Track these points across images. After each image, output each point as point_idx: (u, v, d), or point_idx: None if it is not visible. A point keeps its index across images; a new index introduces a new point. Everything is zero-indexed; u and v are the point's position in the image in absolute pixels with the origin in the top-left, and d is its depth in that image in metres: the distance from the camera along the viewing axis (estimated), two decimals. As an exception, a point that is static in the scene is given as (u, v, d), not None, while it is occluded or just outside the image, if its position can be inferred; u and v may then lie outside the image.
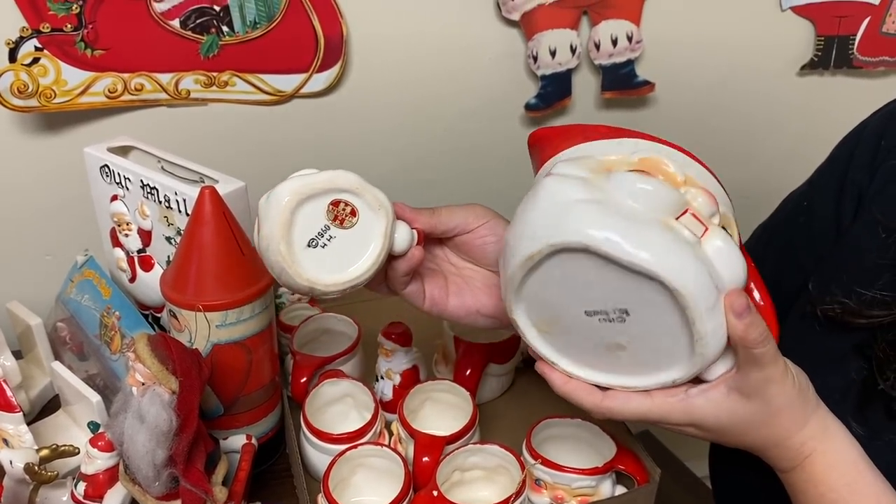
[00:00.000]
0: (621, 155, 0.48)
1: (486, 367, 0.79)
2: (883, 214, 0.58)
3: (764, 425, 0.50)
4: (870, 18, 1.15)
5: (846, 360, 0.56)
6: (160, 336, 0.58)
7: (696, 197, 0.46)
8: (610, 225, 0.44)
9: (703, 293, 0.44)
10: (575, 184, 0.46)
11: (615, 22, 1.04)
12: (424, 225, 0.58)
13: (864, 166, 0.61)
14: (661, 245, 0.43)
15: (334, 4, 0.96)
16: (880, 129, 0.62)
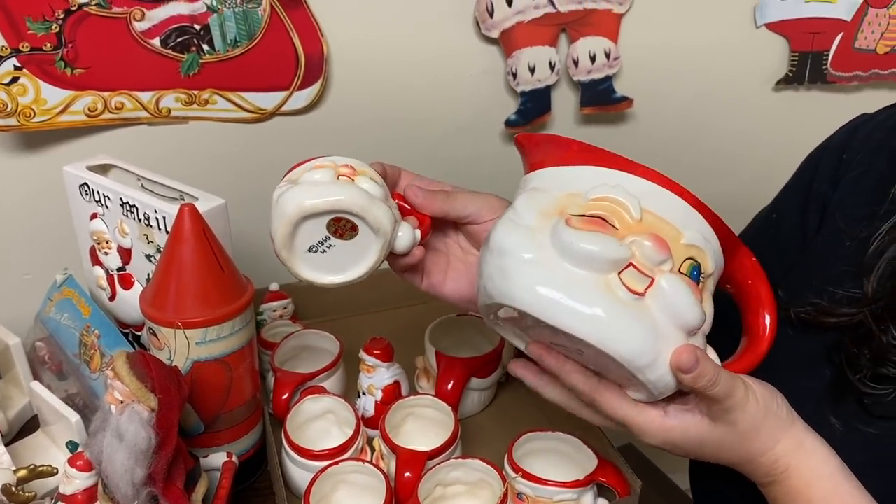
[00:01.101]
0: (579, 191, 0.47)
1: (468, 382, 0.79)
2: (846, 224, 0.59)
3: (734, 447, 0.51)
4: (842, 35, 1.17)
5: (820, 361, 0.58)
6: (139, 354, 0.57)
7: (641, 245, 0.45)
8: (545, 294, 0.44)
9: (641, 352, 0.44)
10: (522, 239, 0.46)
11: (593, 39, 1.06)
12: (436, 211, 0.58)
13: (828, 178, 0.63)
14: (596, 311, 0.44)
15: (315, 23, 0.97)
16: (843, 144, 0.64)
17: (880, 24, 1.17)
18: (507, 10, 1.01)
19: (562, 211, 0.47)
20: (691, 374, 0.45)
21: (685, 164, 1.20)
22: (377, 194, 0.55)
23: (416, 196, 0.58)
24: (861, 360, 0.54)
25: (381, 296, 0.98)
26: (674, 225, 0.46)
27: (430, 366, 0.81)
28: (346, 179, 0.54)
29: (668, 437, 0.50)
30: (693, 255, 0.47)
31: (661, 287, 0.45)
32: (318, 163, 0.56)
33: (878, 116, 0.64)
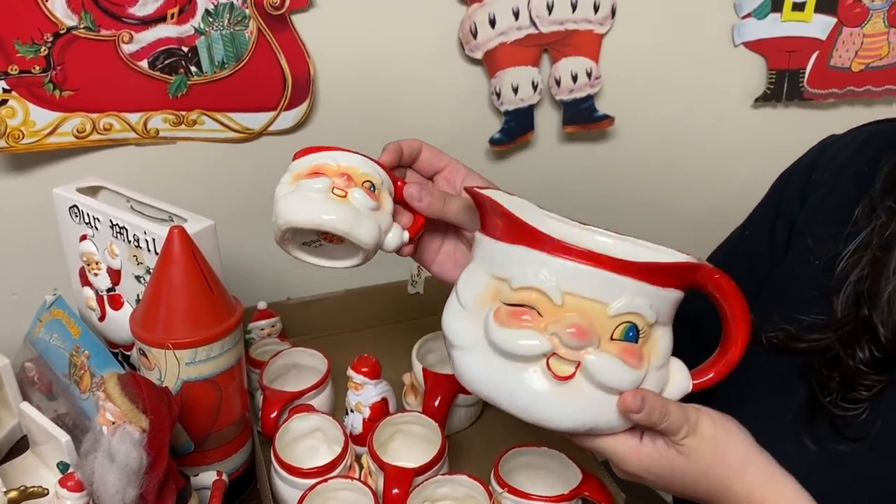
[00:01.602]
0: (506, 276, 0.49)
1: (455, 398, 0.80)
2: (814, 243, 0.61)
3: (702, 477, 0.51)
4: (818, 53, 1.20)
5: (792, 382, 0.59)
6: (130, 375, 0.58)
7: (562, 335, 0.47)
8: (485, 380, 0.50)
9: (576, 425, 0.49)
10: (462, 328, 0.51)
11: (575, 59, 1.08)
12: (430, 210, 0.61)
13: (796, 197, 0.65)
14: (529, 396, 0.49)
15: (301, 45, 0.98)
16: (811, 164, 0.66)
17: (854, 43, 1.20)
18: (491, 32, 1.03)
19: (494, 297, 0.50)
20: (643, 413, 0.48)
21: (666, 181, 1.23)
22: (366, 207, 0.57)
23: (413, 198, 0.60)
24: (831, 383, 0.55)
25: (369, 313, 1.00)
26: (598, 300, 0.48)
27: (418, 382, 0.82)
28: (338, 194, 0.57)
29: (643, 464, 0.51)
30: (625, 319, 0.48)
31: (587, 368, 0.48)
32: (319, 164, 0.59)
33: (845, 137, 0.66)
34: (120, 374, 0.58)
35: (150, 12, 0.93)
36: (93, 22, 0.91)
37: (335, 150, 0.59)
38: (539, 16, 1.04)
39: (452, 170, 0.65)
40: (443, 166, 0.65)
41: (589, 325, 0.47)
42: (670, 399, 0.50)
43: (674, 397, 0.52)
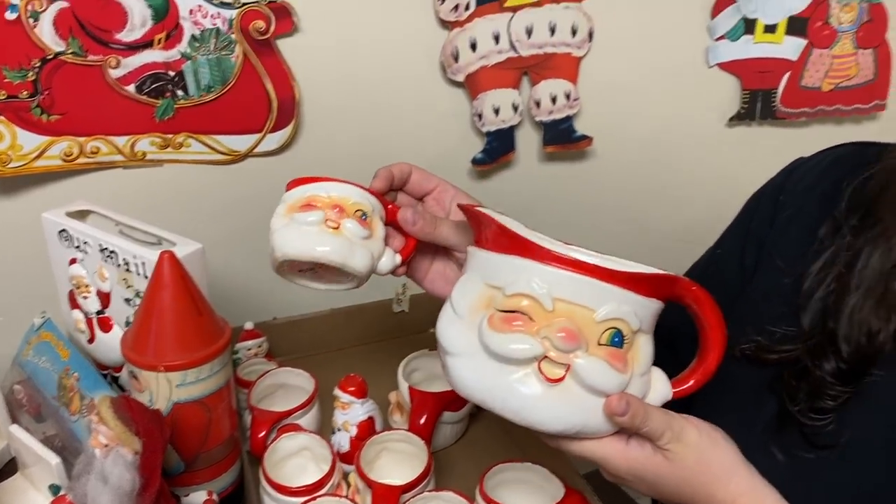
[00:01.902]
0: (499, 284, 0.52)
1: (441, 416, 0.82)
2: (783, 262, 0.64)
3: (686, 484, 0.53)
4: (790, 73, 1.24)
5: (763, 393, 0.61)
6: (122, 398, 0.59)
7: (553, 339, 0.50)
8: (479, 384, 0.52)
9: (566, 427, 0.51)
10: (457, 334, 0.53)
11: (554, 81, 1.10)
12: (422, 234, 0.64)
13: (765, 219, 0.68)
14: (521, 399, 0.50)
15: (287, 69, 1.00)
16: (779, 186, 0.69)
17: (824, 64, 1.24)
18: (472, 55, 1.06)
19: (487, 304, 0.52)
20: (626, 416, 0.50)
21: (644, 198, 1.25)
22: (358, 237, 0.60)
23: (407, 222, 0.63)
24: (799, 394, 0.57)
25: (354, 333, 1.01)
26: (586, 306, 0.51)
27: (404, 400, 0.83)
28: (331, 226, 0.59)
29: (630, 466, 0.53)
30: (611, 325, 0.51)
31: (577, 371, 0.50)
32: (311, 195, 0.61)
33: (811, 160, 0.69)
34: (112, 398, 0.59)
35: (137, 38, 0.94)
36: (80, 47, 0.93)
37: (327, 182, 0.62)
38: (518, 40, 1.06)
39: (442, 190, 0.68)
40: (432, 188, 0.68)
41: (578, 330, 0.50)
42: (653, 405, 0.52)
43: (655, 404, 0.54)
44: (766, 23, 1.19)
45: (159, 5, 0.93)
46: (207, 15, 0.96)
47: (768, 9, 1.18)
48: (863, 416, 0.56)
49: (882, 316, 0.55)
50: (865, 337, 0.55)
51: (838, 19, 1.22)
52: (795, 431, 0.58)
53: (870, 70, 1.26)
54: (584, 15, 1.08)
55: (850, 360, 0.55)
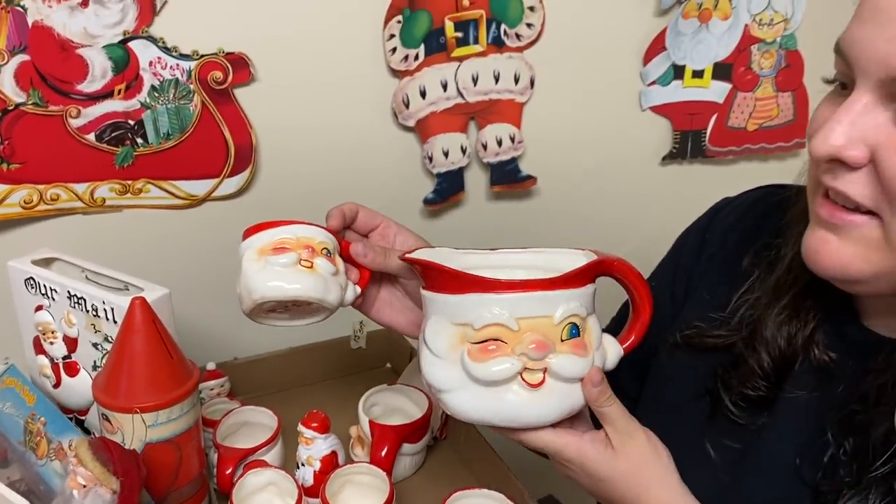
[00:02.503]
0: (467, 321, 0.58)
1: (400, 448, 0.86)
2: (708, 294, 0.71)
3: (624, 479, 0.59)
4: (717, 115, 1.33)
5: (699, 389, 0.68)
6: (100, 440, 0.62)
7: (528, 352, 0.57)
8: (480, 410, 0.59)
9: (557, 416, 0.59)
10: (444, 375, 0.59)
11: (499, 125, 1.17)
12: (374, 264, 0.70)
13: (693, 254, 0.75)
14: (514, 407, 0.58)
15: (244, 116, 1.04)
16: (706, 224, 0.76)
17: (748, 106, 1.34)
18: (422, 102, 1.11)
19: (462, 340, 0.58)
20: (597, 389, 0.58)
21: (585, 233, 1.32)
22: (329, 272, 0.65)
23: (359, 255, 0.70)
24: (731, 382, 0.65)
25: (314, 370, 1.04)
26: (544, 315, 0.58)
27: (365, 434, 0.87)
28: (305, 265, 0.64)
29: (581, 456, 0.59)
30: (567, 321, 0.58)
31: (553, 370, 0.58)
32: (280, 238, 0.66)
33: (735, 201, 0.76)
34: (90, 440, 0.62)
35: (97, 88, 0.97)
36: (41, 98, 0.95)
37: (293, 224, 0.66)
38: (465, 87, 1.13)
39: (385, 226, 0.74)
40: (377, 224, 0.74)
41: (544, 337, 0.57)
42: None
43: (614, 363, 0.62)
44: (693, 69, 1.28)
45: (119, 57, 0.97)
46: (167, 66, 0.99)
47: (695, 56, 1.27)
48: (778, 431, 0.62)
49: (795, 327, 0.62)
50: (785, 339, 0.62)
51: (759, 65, 1.31)
52: (725, 423, 0.65)
53: (790, 111, 1.37)
54: (526, 64, 1.15)
55: (774, 358, 0.62)
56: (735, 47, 1.28)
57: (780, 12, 1.28)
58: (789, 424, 0.62)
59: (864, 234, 0.53)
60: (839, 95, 0.55)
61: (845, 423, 0.57)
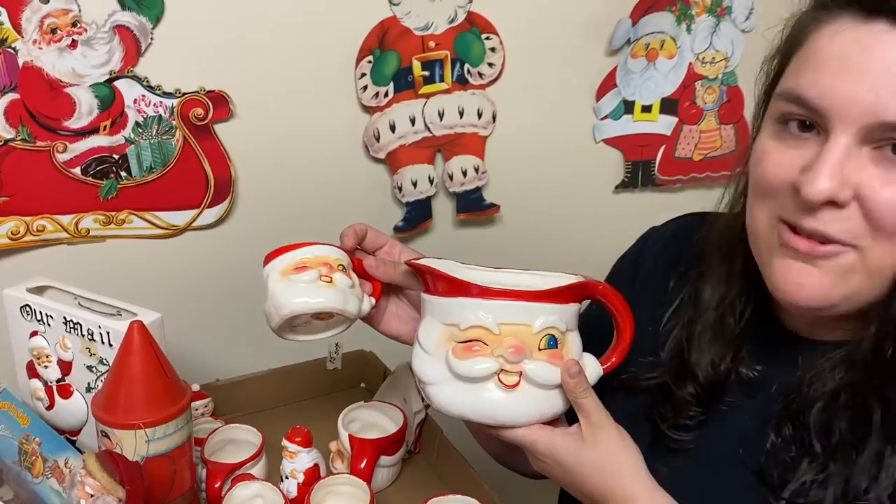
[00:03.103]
0: (455, 321, 0.65)
1: (378, 460, 0.92)
2: (643, 314, 0.77)
3: (595, 469, 0.65)
4: (665, 146, 1.42)
5: (639, 422, 0.74)
6: (106, 452, 0.67)
7: (505, 354, 0.64)
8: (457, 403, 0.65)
9: (530, 417, 0.66)
10: (430, 369, 0.66)
11: (464, 157, 1.25)
12: (385, 276, 0.77)
13: (629, 278, 0.84)
14: (490, 406, 0.65)
15: (223, 150, 1.10)
16: (638, 251, 0.85)
17: (694, 138, 1.43)
18: (391, 136, 1.18)
19: (448, 339, 0.65)
20: (574, 380, 0.64)
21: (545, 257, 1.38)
22: (347, 286, 0.72)
23: (372, 268, 0.77)
24: (666, 413, 0.72)
25: (292, 390, 1.09)
26: (524, 323, 0.65)
27: (344, 448, 0.92)
28: (326, 281, 0.71)
29: (553, 448, 0.65)
30: (546, 332, 0.65)
31: (528, 375, 0.65)
32: (301, 259, 0.73)
33: (661, 229, 0.85)
34: (97, 453, 0.67)
35: (84, 125, 1.02)
36: (29, 134, 1.00)
37: (310, 245, 0.74)
38: (432, 122, 1.20)
39: (391, 245, 0.82)
40: (384, 243, 0.81)
41: (522, 343, 0.63)
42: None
43: (592, 381, 0.67)
44: (642, 104, 1.37)
45: (106, 95, 1.02)
46: (150, 103, 1.05)
47: (644, 92, 1.36)
48: (720, 430, 0.70)
49: (719, 350, 0.69)
50: (710, 366, 0.69)
51: (703, 100, 1.42)
52: (667, 442, 0.72)
53: (732, 142, 1.47)
54: (488, 100, 1.23)
55: (703, 386, 0.69)
56: (680, 84, 1.38)
57: (720, 51, 1.39)
58: (728, 427, 0.69)
59: (841, 262, 0.59)
60: (794, 139, 0.60)
61: (782, 414, 0.65)
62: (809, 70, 0.59)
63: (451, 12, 1.16)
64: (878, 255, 0.58)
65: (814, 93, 0.58)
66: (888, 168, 0.57)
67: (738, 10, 1.35)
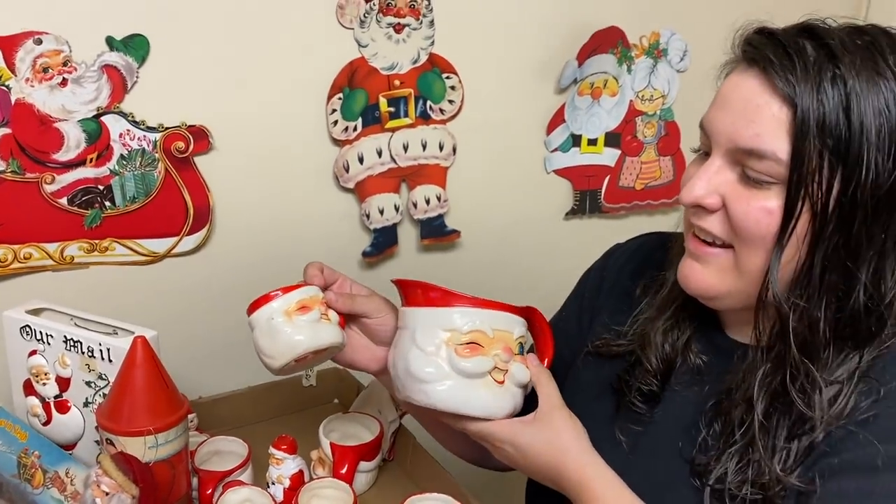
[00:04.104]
0: (455, 327, 0.74)
1: (358, 465, 0.98)
2: (609, 319, 0.88)
3: (548, 445, 0.74)
4: (609, 177, 1.54)
5: (604, 390, 0.85)
6: (120, 454, 0.73)
7: (499, 355, 0.73)
8: (456, 397, 0.73)
9: (508, 410, 0.75)
10: (432, 367, 0.73)
11: (427, 187, 1.34)
12: (344, 308, 0.84)
13: (594, 289, 0.94)
14: (481, 400, 0.73)
15: (203, 181, 1.16)
16: (603, 265, 0.96)
17: (635, 168, 1.56)
18: (360, 167, 1.27)
19: (448, 342, 0.74)
20: (540, 368, 0.76)
21: (503, 279, 1.49)
22: (337, 320, 0.80)
23: (332, 302, 0.84)
24: (631, 382, 0.82)
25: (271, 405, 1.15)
26: (508, 331, 0.76)
27: (326, 455, 0.99)
28: (325, 319, 0.79)
29: (512, 434, 0.74)
30: (520, 340, 0.76)
31: (512, 374, 0.75)
32: (302, 300, 0.80)
33: (624, 245, 0.96)
34: (112, 455, 0.72)
35: (71, 157, 1.08)
36: (19, 166, 1.05)
37: (300, 287, 0.82)
38: (397, 154, 1.29)
39: (343, 280, 0.89)
40: (336, 279, 0.88)
41: (509, 346, 0.73)
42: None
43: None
44: (589, 137, 1.49)
45: (93, 130, 1.08)
46: (135, 137, 1.11)
47: (590, 127, 1.48)
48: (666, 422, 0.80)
49: (675, 336, 0.80)
50: (668, 343, 0.80)
51: (643, 134, 1.54)
52: (628, 413, 0.82)
53: (670, 172, 1.60)
54: (449, 134, 1.33)
55: (662, 359, 0.80)
56: (622, 119, 1.50)
57: (658, 89, 1.52)
58: (672, 416, 0.79)
59: (720, 263, 0.73)
60: (702, 158, 0.74)
61: (712, 411, 0.75)
62: (711, 104, 0.74)
63: (414, 54, 1.26)
64: (745, 257, 0.71)
65: (705, 122, 0.73)
66: (746, 187, 0.69)
67: (673, 53, 1.49)
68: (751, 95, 0.68)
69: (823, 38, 0.66)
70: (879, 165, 0.64)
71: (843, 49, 0.65)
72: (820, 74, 0.65)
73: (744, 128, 0.68)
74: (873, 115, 0.64)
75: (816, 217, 0.67)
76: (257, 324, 0.81)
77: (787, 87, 0.65)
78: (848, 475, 0.66)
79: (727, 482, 0.71)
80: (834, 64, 0.65)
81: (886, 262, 0.68)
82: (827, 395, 0.68)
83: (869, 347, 0.69)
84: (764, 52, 0.67)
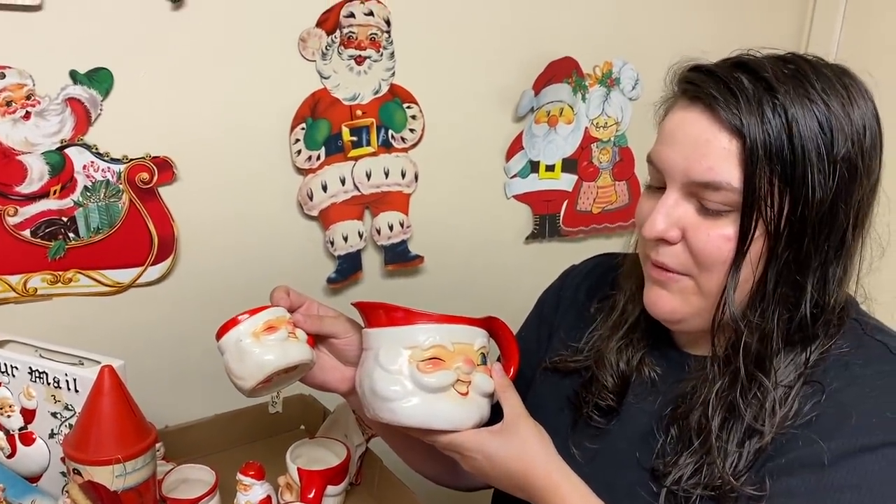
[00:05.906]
0: (417, 344, 0.76)
1: (325, 490, 1.00)
2: (565, 335, 0.92)
3: (515, 453, 0.75)
4: (567, 201, 1.58)
5: (562, 405, 0.88)
6: (87, 482, 0.73)
7: (461, 367, 0.75)
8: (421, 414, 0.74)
9: (475, 421, 0.76)
10: (396, 385, 0.75)
11: (390, 213, 1.37)
12: (312, 329, 0.86)
13: (552, 308, 0.98)
14: (446, 413, 0.75)
15: (167, 211, 1.18)
16: (560, 285, 0.99)
17: (592, 193, 1.60)
18: (323, 195, 1.29)
19: (410, 360, 0.75)
20: (504, 379, 0.78)
21: (466, 303, 1.52)
22: (304, 339, 0.81)
23: (300, 323, 0.85)
24: (587, 397, 0.85)
25: (237, 433, 1.16)
26: (469, 343, 0.78)
27: (293, 480, 1.00)
28: (292, 337, 0.79)
29: (480, 444, 0.75)
30: (481, 351, 0.78)
31: (475, 384, 0.76)
32: (268, 320, 0.82)
33: (580, 266, 1.00)
34: (79, 483, 0.73)
35: (34, 190, 1.08)
36: (-19, 199, 1.06)
37: (266, 309, 0.83)
38: (360, 182, 1.32)
39: (310, 303, 0.90)
40: (303, 302, 0.90)
41: (470, 358, 0.76)
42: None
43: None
44: (546, 163, 1.53)
45: (56, 162, 1.09)
46: (99, 169, 1.12)
47: (547, 153, 1.52)
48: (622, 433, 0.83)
49: (629, 352, 0.84)
50: (623, 361, 0.83)
51: (599, 159, 1.59)
52: (584, 429, 0.85)
53: (625, 196, 1.65)
54: (411, 161, 1.36)
55: (617, 376, 0.83)
56: (578, 145, 1.54)
57: (612, 117, 1.57)
58: (629, 427, 0.82)
59: (683, 287, 0.76)
60: (655, 192, 0.77)
61: (669, 418, 0.78)
62: (657, 141, 0.77)
63: (375, 84, 1.29)
64: (706, 281, 0.74)
65: (655, 158, 0.76)
66: (705, 217, 0.73)
67: (626, 82, 1.55)
68: (699, 131, 0.72)
69: (758, 71, 0.71)
70: (822, 183, 0.69)
71: (776, 80, 0.70)
72: (762, 105, 0.69)
73: (697, 162, 0.71)
74: (811, 137, 0.69)
75: (770, 237, 0.71)
76: (226, 347, 0.82)
77: (734, 120, 0.69)
78: (795, 474, 0.70)
79: (682, 484, 0.74)
80: (772, 94, 0.69)
81: (829, 269, 0.73)
82: (776, 400, 0.72)
83: (812, 346, 0.74)
84: (706, 89, 0.71)
